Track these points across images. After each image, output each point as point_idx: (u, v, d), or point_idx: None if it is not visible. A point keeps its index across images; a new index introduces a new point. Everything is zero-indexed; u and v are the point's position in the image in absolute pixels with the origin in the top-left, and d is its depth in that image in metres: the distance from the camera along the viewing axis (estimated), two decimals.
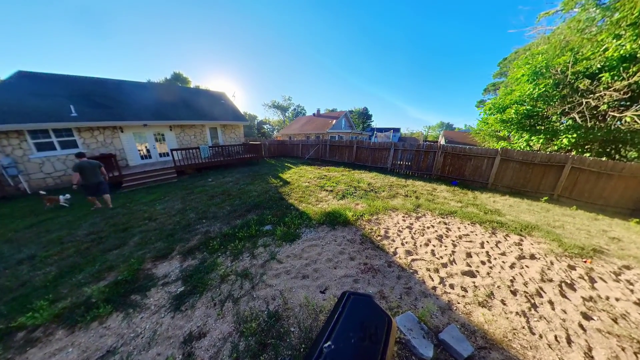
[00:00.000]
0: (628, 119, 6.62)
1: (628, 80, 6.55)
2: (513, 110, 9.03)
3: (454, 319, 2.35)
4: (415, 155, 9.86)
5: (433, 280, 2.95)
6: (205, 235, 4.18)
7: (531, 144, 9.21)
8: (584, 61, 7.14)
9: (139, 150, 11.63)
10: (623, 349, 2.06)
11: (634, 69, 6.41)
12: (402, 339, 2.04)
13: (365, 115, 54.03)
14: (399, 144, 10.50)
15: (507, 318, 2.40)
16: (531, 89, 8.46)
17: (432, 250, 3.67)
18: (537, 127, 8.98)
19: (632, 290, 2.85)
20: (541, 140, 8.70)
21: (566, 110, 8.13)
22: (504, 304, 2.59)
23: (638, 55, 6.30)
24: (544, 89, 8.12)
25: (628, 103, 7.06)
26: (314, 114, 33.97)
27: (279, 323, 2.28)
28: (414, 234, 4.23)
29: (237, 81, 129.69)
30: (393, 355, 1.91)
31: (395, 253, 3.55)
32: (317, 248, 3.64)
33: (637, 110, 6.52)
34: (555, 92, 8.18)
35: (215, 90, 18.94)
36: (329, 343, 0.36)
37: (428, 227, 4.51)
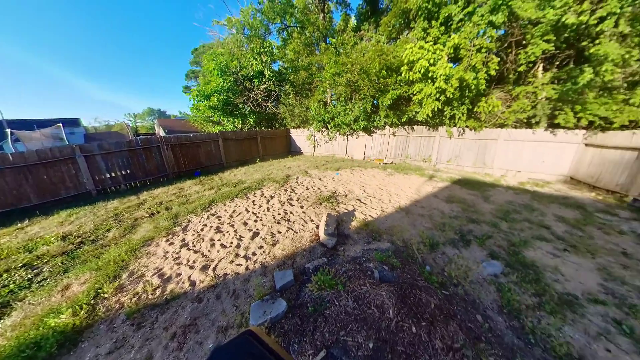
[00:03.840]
0: (269, 107, 11.94)
1: (265, 85, 11.53)
2: (215, 99, 11.27)
3: (270, 273, 2.97)
4: (132, 156, 7.16)
5: (241, 265, 3.12)
6: None
7: (236, 125, 12.61)
8: (244, 69, 10.94)
9: None
10: (301, 207, 4.68)
11: (264, 80, 11.41)
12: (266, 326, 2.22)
13: None
14: (91, 146, 6.59)
15: (286, 237, 3.76)
16: (222, 82, 11.07)
17: (222, 244, 3.63)
18: (235, 112, 12.40)
19: (302, 185, 6.16)
20: (240, 122, 12.31)
21: (244, 100, 12.17)
22: (279, 232, 3.95)
23: (264, 71, 11.19)
24: (229, 84, 11.12)
25: (267, 98, 12.59)
26: None
27: None
28: (194, 245, 3.64)
29: None
30: (279, 342, 2.01)
31: (193, 285, 2.82)
32: None
33: (271, 102, 11.99)
34: (235, 87, 11.64)
35: None
36: None
37: (202, 229, 4.16)
